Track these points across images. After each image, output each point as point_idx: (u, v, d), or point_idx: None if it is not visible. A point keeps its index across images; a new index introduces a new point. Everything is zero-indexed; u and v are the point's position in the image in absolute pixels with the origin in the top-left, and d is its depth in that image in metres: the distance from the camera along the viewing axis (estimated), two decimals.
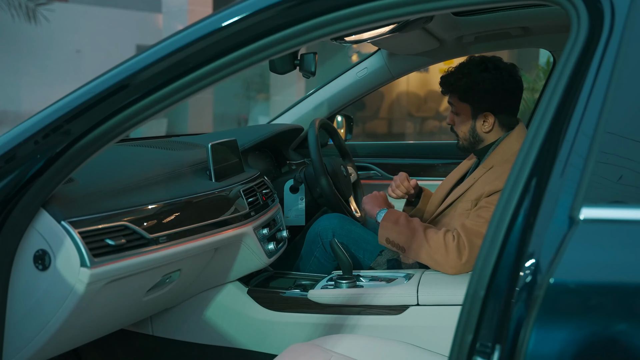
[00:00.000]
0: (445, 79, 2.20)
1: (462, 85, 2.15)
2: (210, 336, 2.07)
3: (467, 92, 2.15)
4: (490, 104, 2.14)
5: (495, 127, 2.16)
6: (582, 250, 0.93)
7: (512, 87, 2.16)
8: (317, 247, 2.30)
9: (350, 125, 3.05)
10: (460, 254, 1.94)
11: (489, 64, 2.15)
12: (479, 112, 2.15)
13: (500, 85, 2.13)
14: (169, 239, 1.65)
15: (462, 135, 2.21)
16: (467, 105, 2.17)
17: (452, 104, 2.21)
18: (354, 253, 2.26)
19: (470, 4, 1.24)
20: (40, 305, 1.42)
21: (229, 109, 12.00)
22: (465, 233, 1.96)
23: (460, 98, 2.17)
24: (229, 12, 1.23)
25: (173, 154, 2.17)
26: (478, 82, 2.13)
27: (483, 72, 2.13)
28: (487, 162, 2.14)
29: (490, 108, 2.14)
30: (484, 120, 2.15)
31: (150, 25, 12.83)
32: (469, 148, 2.23)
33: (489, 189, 2.03)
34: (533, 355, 0.91)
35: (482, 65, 2.15)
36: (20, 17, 10.48)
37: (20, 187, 1.30)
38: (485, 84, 2.12)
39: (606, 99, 0.98)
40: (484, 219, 1.97)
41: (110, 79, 1.28)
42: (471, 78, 2.14)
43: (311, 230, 2.34)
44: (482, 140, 2.19)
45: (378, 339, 1.63)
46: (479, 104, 2.15)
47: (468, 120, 2.18)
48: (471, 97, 2.15)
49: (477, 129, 2.17)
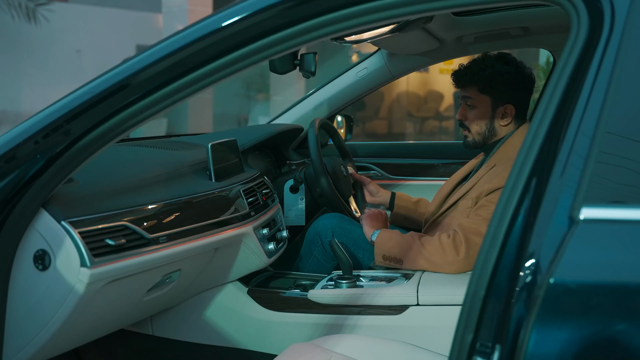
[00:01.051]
0: (466, 71, 2.20)
1: (485, 76, 2.16)
2: (210, 336, 2.07)
3: (490, 83, 2.15)
4: (511, 96, 2.16)
5: (512, 121, 2.18)
6: (582, 250, 0.93)
7: (528, 83, 2.20)
8: (316, 246, 2.30)
9: (350, 125, 3.05)
10: (457, 250, 1.94)
11: (509, 57, 2.19)
12: (500, 104, 2.17)
13: (521, 79, 2.17)
14: (169, 239, 1.65)
15: (477, 129, 2.20)
16: (487, 98, 2.17)
17: (469, 97, 2.20)
18: (353, 253, 2.26)
19: (470, 4, 1.24)
20: (40, 305, 1.42)
21: (229, 109, 11.99)
22: (462, 230, 1.97)
23: (480, 90, 2.17)
24: (229, 12, 1.23)
25: (173, 154, 2.16)
26: (501, 73, 2.15)
27: (505, 65, 2.16)
28: (491, 160, 2.15)
29: (511, 100, 2.16)
30: (503, 112, 2.17)
31: (150, 25, 12.82)
32: (480, 143, 2.22)
33: (488, 187, 2.03)
34: (533, 355, 0.91)
35: (503, 59, 2.18)
36: (20, 17, 10.48)
37: (20, 187, 1.30)
38: (508, 76, 2.15)
39: (606, 99, 0.98)
40: (481, 217, 1.98)
41: (110, 79, 1.28)
42: (494, 69, 2.15)
43: (310, 230, 2.34)
44: (495, 135, 2.20)
45: (378, 339, 1.63)
46: (501, 95, 2.16)
47: (487, 113, 2.18)
48: (493, 88, 2.16)
49: (495, 122, 2.18)
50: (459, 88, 2.23)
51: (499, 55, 2.20)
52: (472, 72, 2.18)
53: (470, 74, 2.18)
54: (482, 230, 1.94)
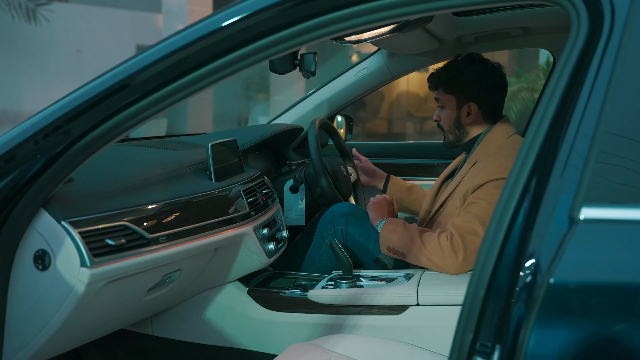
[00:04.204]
0: (432, 74, 2.30)
1: (447, 77, 2.24)
2: (210, 336, 2.07)
3: (452, 81, 2.23)
4: (474, 94, 2.23)
5: (478, 119, 2.25)
6: (582, 250, 0.93)
7: (496, 81, 2.25)
8: (328, 234, 2.31)
9: (350, 125, 3.05)
10: (456, 254, 1.95)
11: (475, 57, 2.25)
12: (463, 103, 2.24)
13: (485, 77, 2.22)
14: (169, 239, 1.64)
15: (447, 128, 2.29)
16: (452, 97, 2.25)
17: (439, 99, 2.29)
18: (364, 243, 2.27)
19: (470, 4, 1.24)
20: (40, 305, 1.42)
21: (229, 109, 12.00)
22: (456, 231, 1.98)
23: (445, 90, 2.26)
24: (229, 12, 1.23)
25: (173, 154, 2.16)
26: (463, 73, 2.22)
27: (469, 65, 2.23)
28: (472, 158, 2.20)
29: (474, 98, 2.23)
30: (468, 110, 2.23)
31: (150, 25, 12.83)
32: (454, 142, 2.30)
33: (472, 184, 2.05)
34: (533, 355, 0.91)
35: (469, 59, 2.25)
36: (20, 17, 10.48)
37: (20, 187, 1.30)
38: (471, 75, 2.22)
39: (606, 99, 0.98)
40: (472, 215, 1.99)
41: (110, 79, 1.28)
42: (456, 69, 2.24)
43: (323, 218, 2.35)
44: (466, 133, 2.27)
45: (378, 339, 1.63)
46: (463, 94, 2.23)
47: (453, 112, 2.26)
48: (456, 87, 2.23)
49: (461, 120, 2.25)
50: (432, 90, 2.32)
51: (466, 55, 2.26)
52: (438, 74, 2.27)
53: (435, 76, 2.28)
54: (476, 228, 1.97)
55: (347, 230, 2.30)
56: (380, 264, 2.25)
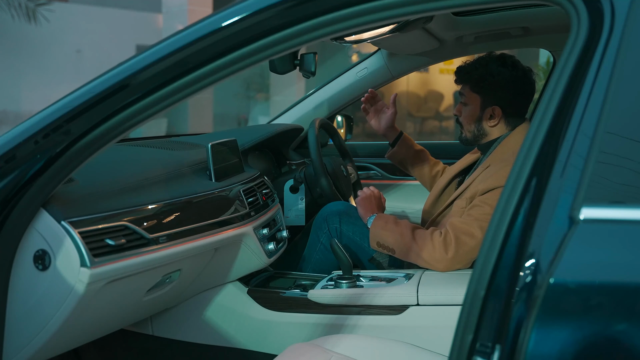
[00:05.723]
0: (462, 69, 2.23)
1: (477, 75, 2.18)
2: (210, 336, 2.07)
3: (480, 82, 2.17)
4: (500, 99, 2.17)
5: (500, 123, 2.19)
6: (582, 250, 0.93)
7: (524, 88, 2.19)
8: (323, 233, 2.31)
9: (350, 125, 3.05)
10: (447, 250, 1.95)
11: (507, 60, 2.18)
12: (488, 105, 2.18)
13: (514, 82, 2.16)
14: (169, 239, 1.64)
15: (467, 126, 2.23)
16: (478, 96, 2.19)
17: (463, 94, 2.23)
18: (359, 242, 2.27)
19: (470, 4, 1.23)
20: (40, 305, 1.42)
21: (229, 109, 11.99)
22: (452, 230, 1.98)
23: (472, 88, 2.20)
24: (229, 12, 1.23)
25: (173, 154, 2.16)
26: (493, 75, 2.16)
27: (500, 67, 2.16)
28: (486, 161, 2.16)
29: (499, 102, 2.17)
30: (491, 114, 2.18)
31: (150, 25, 12.82)
32: (472, 141, 2.25)
33: (482, 188, 2.04)
34: (533, 355, 0.91)
35: (500, 60, 2.18)
36: (20, 17, 10.48)
37: (20, 187, 1.30)
38: (499, 78, 2.15)
39: (606, 99, 0.98)
40: (472, 217, 1.99)
41: (110, 79, 1.28)
42: (487, 69, 2.17)
43: (318, 217, 2.35)
44: (485, 135, 2.22)
45: (378, 339, 1.63)
46: (489, 97, 2.17)
47: (476, 112, 2.20)
48: (483, 88, 2.17)
49: (482, 122, 2.20)
50: (457, 84, 2.26)
51: (498, 56, 2.20)
52: (466, 70, 2.21)
53: (464, 71, 2.22)
54: (473, 231, 1.96)
55: (342, 229, 2.30)
56: (375, 263, 2.25)
